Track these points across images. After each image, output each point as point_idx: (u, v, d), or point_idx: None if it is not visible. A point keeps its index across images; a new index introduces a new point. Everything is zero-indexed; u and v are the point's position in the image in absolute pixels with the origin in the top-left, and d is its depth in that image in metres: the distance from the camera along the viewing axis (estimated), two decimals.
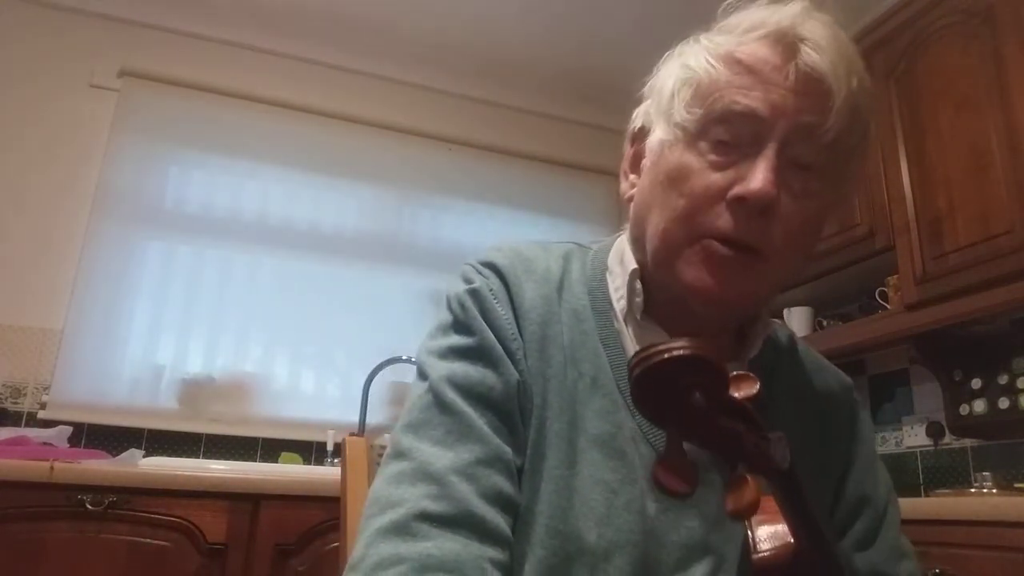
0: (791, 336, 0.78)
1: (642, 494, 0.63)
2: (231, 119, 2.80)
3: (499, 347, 0.64)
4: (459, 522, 0.56)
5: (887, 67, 2.27)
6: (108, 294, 2.48)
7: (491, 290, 0.66)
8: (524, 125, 3.20)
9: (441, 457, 0.58)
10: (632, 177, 0.71)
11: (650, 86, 0.69)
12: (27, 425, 2.28)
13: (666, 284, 0.65)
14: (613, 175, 3.32)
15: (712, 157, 0.61)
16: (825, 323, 2.55)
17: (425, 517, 0.55)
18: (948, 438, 2.30)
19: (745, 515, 0.43)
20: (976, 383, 2.15)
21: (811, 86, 0.59)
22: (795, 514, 0.50)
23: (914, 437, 2.43)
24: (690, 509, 0.63)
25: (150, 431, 2.41)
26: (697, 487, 0.43)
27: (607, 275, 0.71)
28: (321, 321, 2.69)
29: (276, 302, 2.68)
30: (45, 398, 2.35)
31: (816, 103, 0.59)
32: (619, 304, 0.69)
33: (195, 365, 2.55)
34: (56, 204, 2.52)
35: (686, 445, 0.45)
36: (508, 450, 0.61)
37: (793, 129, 0.60)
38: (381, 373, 2.52)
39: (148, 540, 1.74)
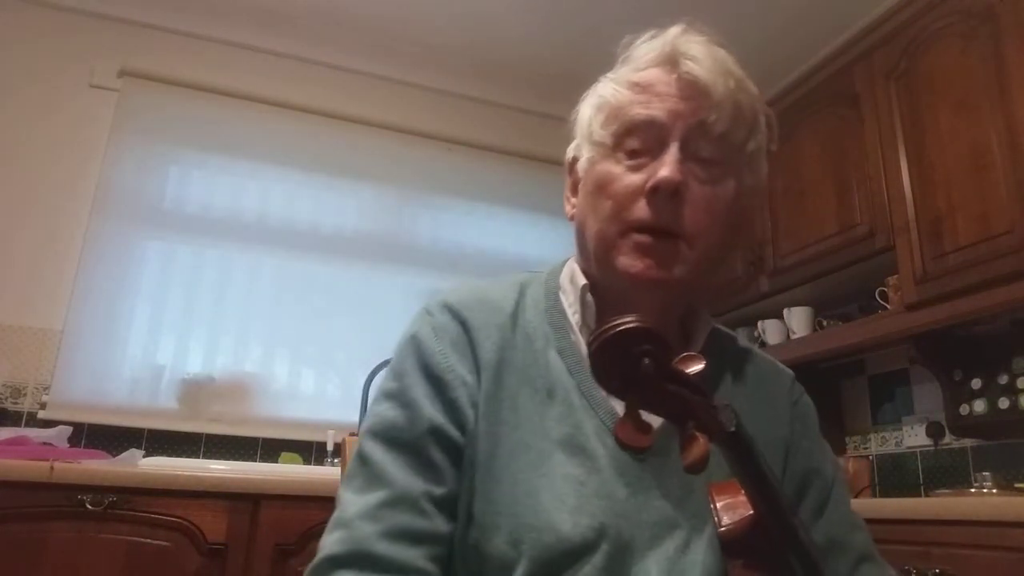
0: (734, 336, 0.87)
1: (610, 480, 0.69)
2: (231, 119, 2.80)
3: (421, 388, 0.71)
4: (359, 561, 0.63)
5: (887, 67, 2.27)
6: (108, 294, 2.48)
7: (440, 330, 0.74)
8: (524, 125, 3.20)
9: (353, 504, 0.67)
10: (573, 200, 0.81)
11: (574, 123, 0.80)
12: (27, 425, 2.28)
13: (609, 280, 0.74)
14: None
15: (628, 163, 0.72)
16: (825, 323, 2.55)
17: (332, 560, 0.64)
18: (948, 438, 2.30)
19: (697, 468, 0.47)
20: (976, 383, 2.15)
21: (694, 90, 0.71)
22: (749, 479, 0.54)
23: (914, 437, 2.43)
24: (656, 489, 0.70)
25: (150, 431, 2.41)
26: (653, 441, 0.49)
27: (560, 294, 0.79)
28: (321, 321, 2.69)
29: (276, 302, 2.68)
30: (45, 398, 2.35)
31: (701, 104, 0.71)
32: (574, 318, 0.77)
33: (195, 365, 2.55)
34: (56, 204, 2.52)
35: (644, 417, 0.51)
36: (418, 487, 0.67)
37: (688, 128, 0.71)
38: (381, 373, 2.51)
39: (148, 540, 1.74)
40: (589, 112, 0.77)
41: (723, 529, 0.60)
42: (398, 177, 2.97)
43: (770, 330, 2.73)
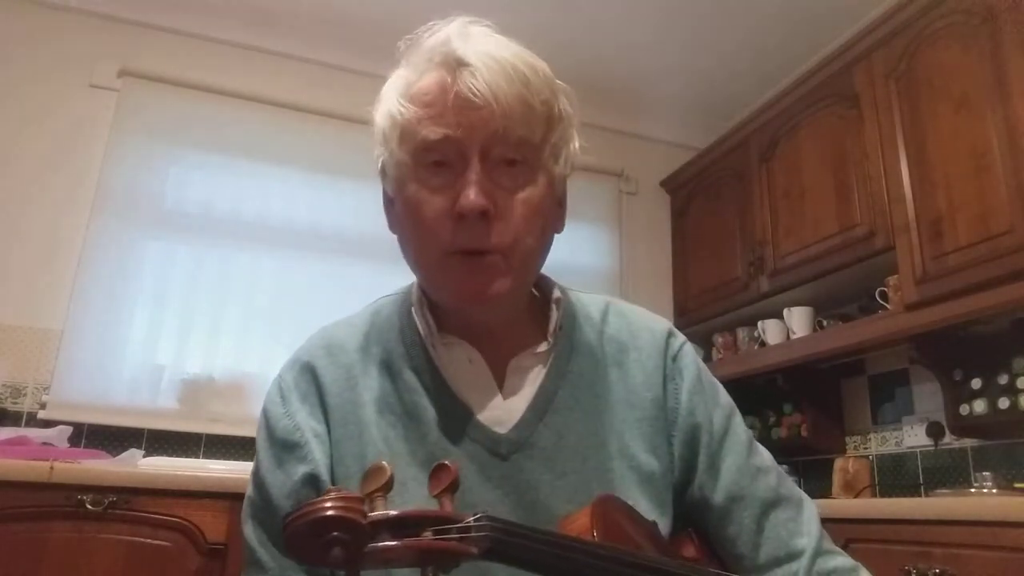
0: (606, 305, 0.85)
1: (475, 488, 0.70)
2: (231, 119, 2.80)
3: (268, 461, 0.73)
4: None
5: (887, 67, 2.27)
6: (108, 294, 2.48)
7: (287, 390, 0.76)
8: None
9: None
10: (391, 212, 0.80)
11: (373, 129, 0.78)
12: (27, 425, 2.28)
13: (439, 300, 0.76)
14: (615, 175, 3.34)
15: (432, 182, 0.70)
16: (825, 323, 2.55)
17: None
18: (948, 438, 2.30)
19: None
20: (976, 383, 2.15)
21: (479, 103, 0.68)
22: (536, 572, 0.54)
23: (914, 437, 2.43)
24: (515, 491, 0.71)
25: (150, 431, 2.41)
26: None
27: (412, 309, 0.80)
28: (321, 321, 2.66)
29: (276, 302, 2.68)
30: (45, 398, 2.35)
31: (489, 115, 0.68)
32: (424, 333, 0.78)
33: (195, 365, 2.55)
34: (56, 204, 2.53)
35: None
36: (285, 563, 0.70)
37: (483, 139, 0.69)
38: None
39: (148, 540, 1.74)
40: (383, 131, 0.75)
41: None
42: None
43: (770, 330, 2.73)
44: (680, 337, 0.85)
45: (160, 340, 2.53)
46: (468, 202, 0.67)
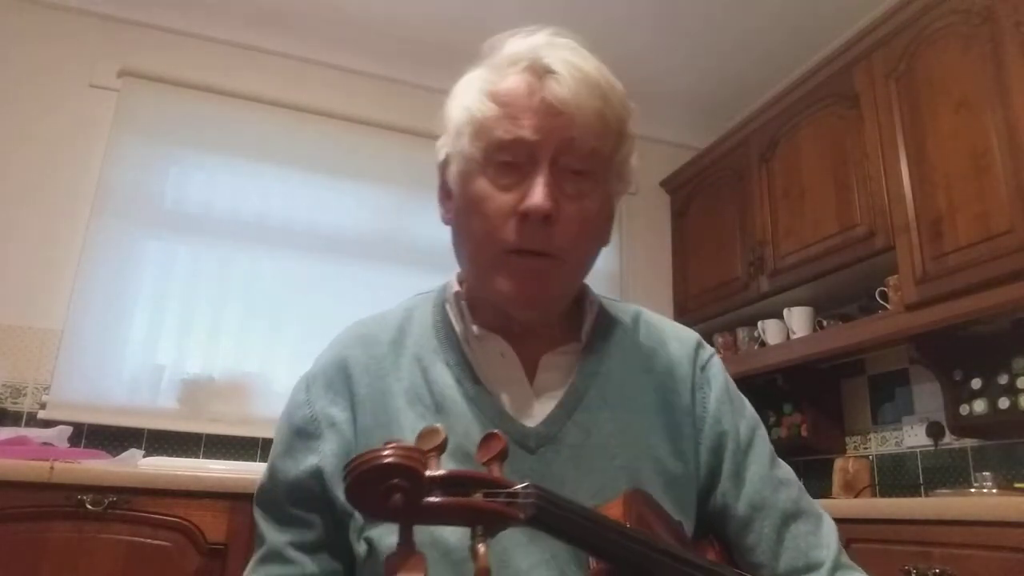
0: (637, 313, 0.88)
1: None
2: (231, 119, 2.80)
3: (283, 448, 0.77)
4: None
5: (887, 67, 2.27)
6: (108, 294, 2.48)
7: (313, 380, 0.79)
8: None
9: (248, 566, 0.77)
10: (448, 204, 0.82)
11: (443, 121, 0.80)
12: (27, 425, 2.28)
13: (487, 296, 0.77)
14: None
15: (500, 180, 0.72)
16: (825, 323, 2.55)
17: None
18: (948, 438, 2.30)
19: None
20: (976, 383, 2.15)
21: (560, 110, 0.71)
22: (580, 547, 0.56)
23: (914, 437, 2.43)
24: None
25: (150, 431, 2.41)
26: (426, 572, 0.48)
27: (447, 306, 0.83)
28: (321, 321, 2.68)
29: (276, 302, 2.68)
30: (45, 398, 2.35)
31: (567, 122, 0.71)
32: (458, 327, 0.80)
33: (195, 365, 2.55)
34: (56, 204, 2.53)
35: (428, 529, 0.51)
36: (283, 539, 0.74)
37: (556, 145, 0.71)
38: None
39: (148, 540, 1.74)
40: (457, 123, 0.77)
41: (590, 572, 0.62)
42: (398, 177, 2.97)
43: (770, 330, 2.73)
44: (709, 348, 0.87)
45: (160, 340, 2.53)
46: (535, 203, 0.69)
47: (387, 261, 2.87)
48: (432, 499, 0.49)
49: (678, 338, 0.86)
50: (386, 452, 0.47)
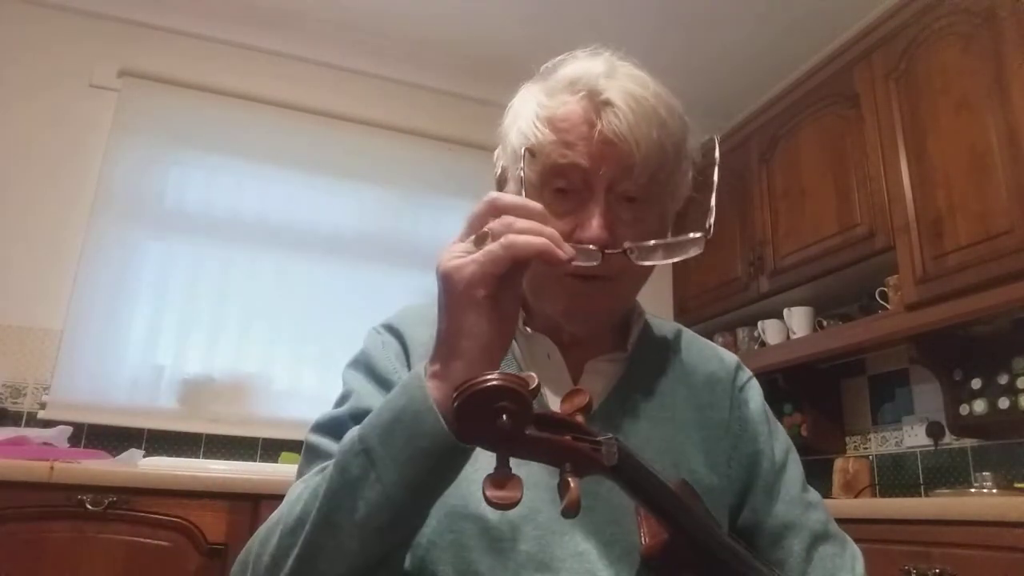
0: (678, 330, 0.90)
1: (539, 470, 0.70)
2: (231, 119, 2.80)
3: (363, 387, 0.78)
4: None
5: (887, 67, 2.27)
6: (108, 294, 2.48)
7: (387, 344, 0.80)
8: None
9: (297, 481, 0.73)
10: None
11: (501, 135, 0.82)
12: (27, 425, 2.28)
13: (541, 310, 0.79)
14: None
15: (555, 206, 0.72)
16: (825, 323, 2.55)
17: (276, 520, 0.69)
18: (948, 438, 2.30)
19: (570, 513, 0.49)
20: (976, 383, 2.15)
21: (617, 139, 0.71)
22: (646, 505, 0.58)
23: (914, 437, 2.43)
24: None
25: (150, 431, 2.41)
26: (521, 495, 0.50)
27: None
28: (321, 321, 2.69)
29: (276, 302, 2.68)
30: (45, 398, 2.35)
31: (626, 152, 0.71)
32: None
33: (195, 365, 2.55)
34: (56, 204, 2.52)
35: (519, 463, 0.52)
36: (328, 447, 0.73)
37: (613, 172, 0.72)
38: None
39: (148, 540, 1.74)
40: (513, 146, 0.77)
41: (642, 548, 0.64)
42: (398, 177, 2.97)
43: (770, 330, 2.73)
44: (748, 371, 0.90)
45: (160, 340, 2.53)
46: (591, 234, 0.70)
47: (387, 262, 2.87)
48: (531, 432, 0.51)
49: (719, 357, 0.89)
50: (500, 376, 0.49)
